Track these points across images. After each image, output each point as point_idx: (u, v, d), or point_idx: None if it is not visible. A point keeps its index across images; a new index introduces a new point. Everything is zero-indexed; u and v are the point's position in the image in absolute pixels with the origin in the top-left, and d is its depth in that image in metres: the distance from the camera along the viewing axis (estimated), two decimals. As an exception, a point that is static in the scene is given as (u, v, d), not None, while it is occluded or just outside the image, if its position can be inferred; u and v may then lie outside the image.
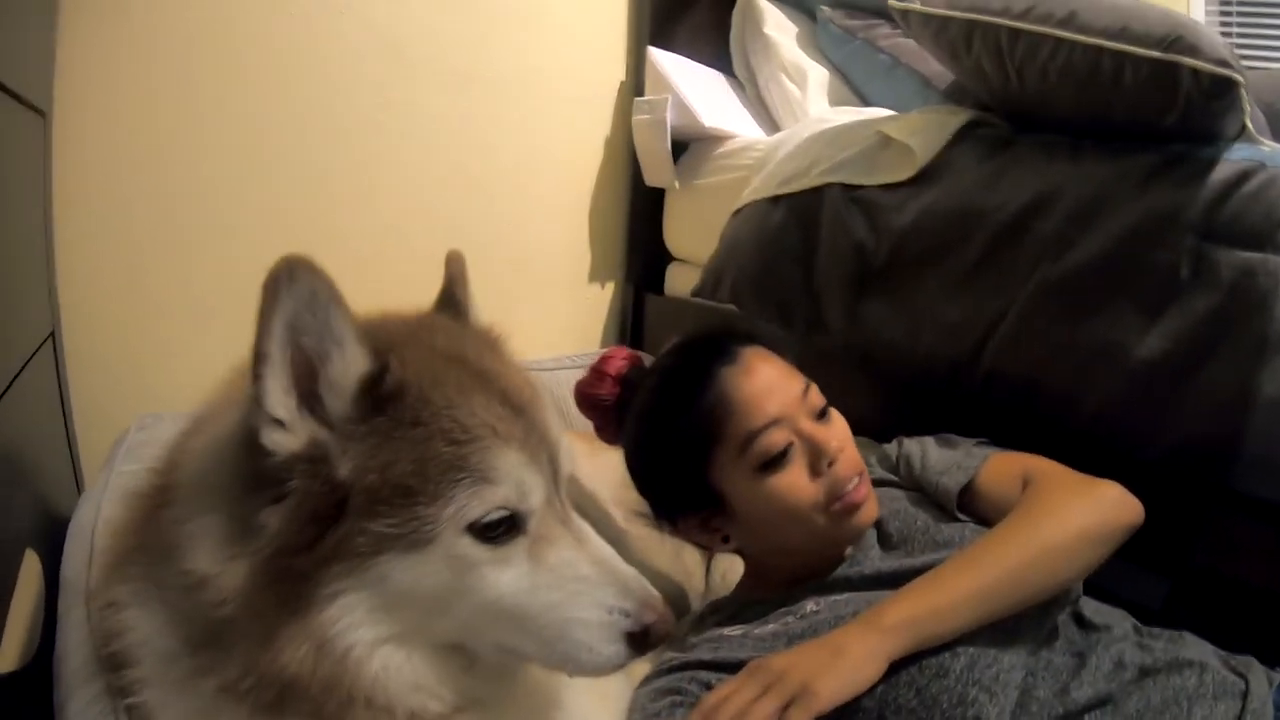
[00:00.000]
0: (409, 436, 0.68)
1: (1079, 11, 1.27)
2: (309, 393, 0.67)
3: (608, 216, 2.32)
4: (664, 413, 1.12)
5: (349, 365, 0.67)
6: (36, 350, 1.20)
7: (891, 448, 1.28)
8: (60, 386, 1.42)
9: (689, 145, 2.18)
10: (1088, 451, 1.31)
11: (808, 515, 1.05)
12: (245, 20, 1.74)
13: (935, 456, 1.19)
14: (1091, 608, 1.04)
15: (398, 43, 1.92)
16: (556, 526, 0.74)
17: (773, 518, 1.07)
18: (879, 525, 1.12)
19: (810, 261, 1.67)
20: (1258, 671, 0.96)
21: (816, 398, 1.10)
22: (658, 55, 2.16)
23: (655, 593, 0.74)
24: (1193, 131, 1.23)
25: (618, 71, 2.29)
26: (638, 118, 2.18)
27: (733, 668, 0.97)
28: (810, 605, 1.03)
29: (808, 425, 1.07)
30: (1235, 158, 1.20)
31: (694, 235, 2.13)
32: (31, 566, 0.97)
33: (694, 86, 2.14)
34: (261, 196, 1.78)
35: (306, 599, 0.66)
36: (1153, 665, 0.95)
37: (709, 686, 0.95)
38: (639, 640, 0.72)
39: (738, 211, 1.85)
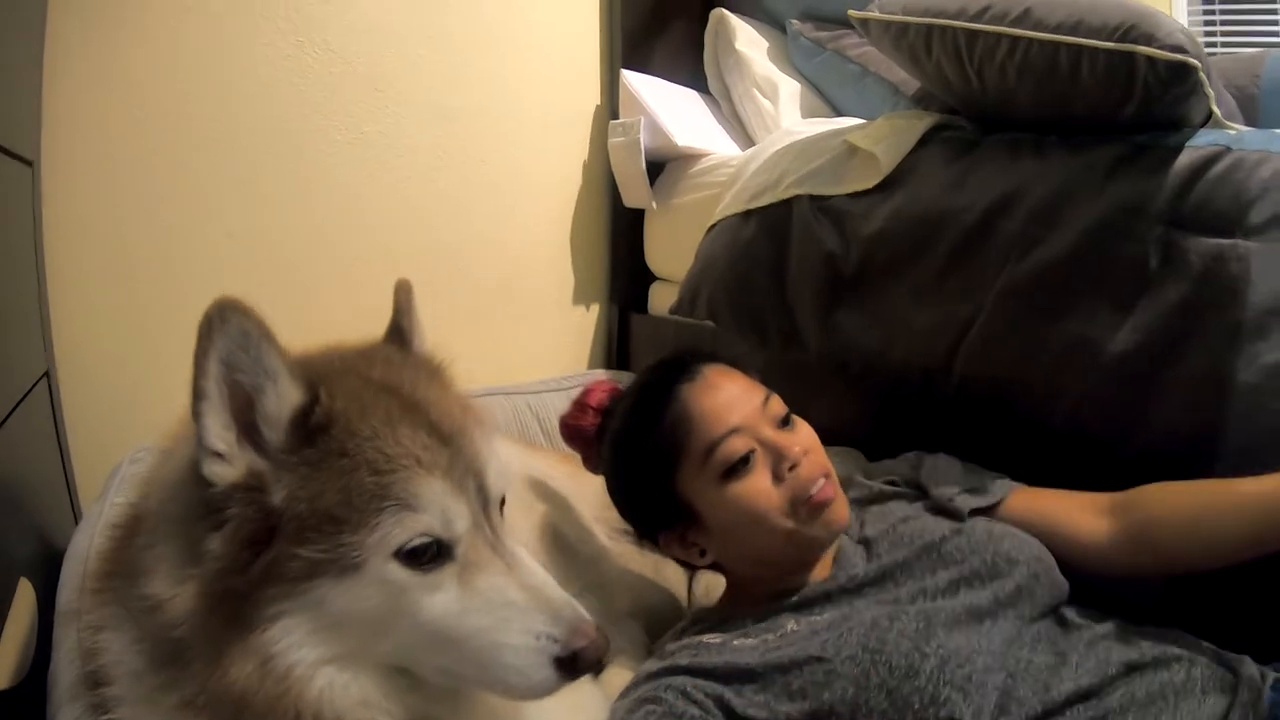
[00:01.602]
0: (336, 466, 0.70)
1: (1033, 8, 1.26)
2: (249, 424, 0.70)
3: (589, 239, 2.32)
4: (632, 433, 1.16)
5: (282, 399, 0.71)
6: (31, 389, 1.22)
7: (908, 459, 1.31)
8: (56, 423, 1.45)
9: (665, 165, 2.18)
10: (1068, 452, 1.29)
11: (774, 519, 1.06)
12: (229, 61, 1.77)
13: (958, 472, 1.24)
14: (1074, 610, 1.04)
15: (375, 78, 1.94)
16: (486, 552, 0.76)
17: (741, 525, 1.08)
18: (866, 543, 1.13)
19: (783, 274, 1.66)
20: (1249, 667, 0.94)
21: (778, 407, 1.13)
22: (631, 77, 2.17)
23: (586, 617, 0.75)
24: (1155, 120, 1.22)
25: (593, 95, 2.30)
26: (613, 140, 2.18)
27: (708, 673, 0.98)
28: (790, 624, 1.03)
29: (768, 432, 1.09)
30: (1201, 143, 1.18)
31: (674, 254, 2.12)
32: (25, 594, 1.00)
33: (667, 107, 2.15)
34: (250, 232, 1.80)
35: (249, 620, 0.69)
36: (1139, 660, 0.94)
37: (684, 693, 0.96)
38: (568, 665, 0.73)
39: (711, 228, 1.84)
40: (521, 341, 2.21)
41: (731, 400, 1.10)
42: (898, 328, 1.46)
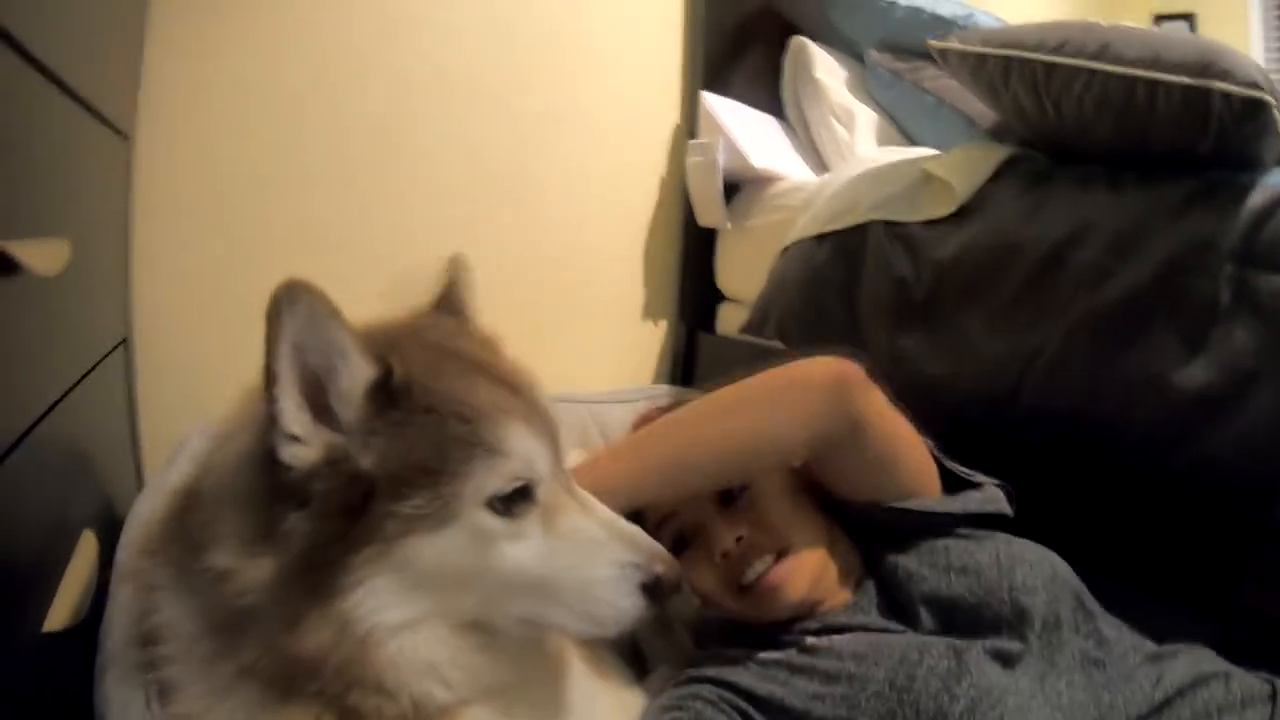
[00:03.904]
0: (424, 422, 0.72)
1: (1111, 43, 1.28)
2: (321, 406, 0.71)
3: (661, 255, 2.36)
4: None
5: (355, 374, 0.72)
6: (108, 354, 1.27)
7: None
8: (130, 389, 1.49)
9: (740, 186, 2.21)
10: (1129, 486, 1.29)
11: (718, 600, 1.06)
12: (325, 54, 1.83)
13: None
14: (1103, 643, 1.00)
15: (463, 81, 2.00)
16: (563, 495, 0.79)
17: (703, 597, 1.08)
18: (884, 590, 1.08)
19: (854, 298, 1.68)
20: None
21: None
22: (710, 99, 2.21)
23: (659, 545, 0.79)
24: (1229, 157, 1.23)
25: (672, 115, 2.35)
26: (691, 159, 2.22)
27: (733, 687, 0.99)
28: (810, 640, 1.03)
29: (706, 513, 1.06)
30: (1274, 183, 1.19)
31: (745, 275, 2.15)
32: (88, 544, 1.02)
33: (745, 129, 2.18)
34: (326, 221, 1.85)
35: (333, 587, 0.70)
36: (1181, 684, 0.93)
37: (711, 702, 0.97)
38: (652, 590, 0.76)
39: (785, 250, 1.87)
40: (587, 351, 2.24)
41: None
42: (965, 356, 1.47)
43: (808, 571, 1.05)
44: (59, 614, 0.92)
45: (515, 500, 0.75)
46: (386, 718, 0.72)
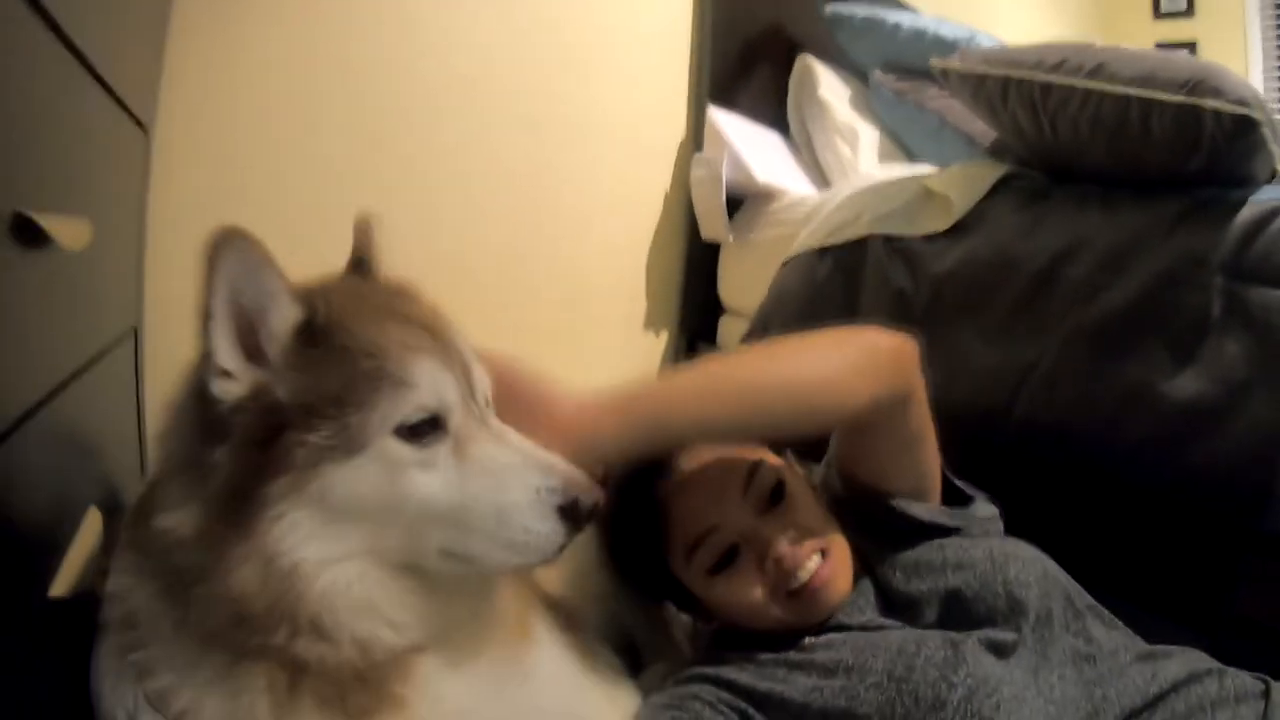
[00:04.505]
0: (336, 359, 0.75)
1: (1107, 63, 1.31)
2: (252, 347, 0.74)
3: (664, 267, 2.38)
4: (618, 535, 1.15)
5: (283, 315, 0.75)
6: (118, 340, 1.28)
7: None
8: (138, 378, 1.49)
9: (744, 201, 2.24)
10: (1123, 496, 1.31)
11: (762, 610, 1.04)
12: (347, 56, 1.83)
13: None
14: (1095, 640, 1.01)
15: (471, 92, 2.01)
16: (476, 427, 0.79)
17: (735, 612, 1.07)
18: (881, 589, 1.09)
19: (853, 311, 1.70)
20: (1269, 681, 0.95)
21: (767, 478, 1.07)
22: (716, 114, 2.24)
23: (578, 471, 0.78)
24: (1221, 174, 1.25)
25: (678, 129, 2.37)
26: (695, 173, 2.25)
27: (730, 685, 0.99)
28: (808, 639, 1.04)
29: (751, 523, 1.04)
30: (1265, 199, 1.21)
31: (747, 288, 2.17)
32: (93, 519, 1.03)
33: (750, 145, 2.21)
34: (338, 219, 1.86)
35: (253, 520, 0.71)
36: (1175, 679, 0.94)
37: (709, 702, 0.97)
38: (570, 513, 0.76)
39: (786, 263, 1.89)
40: (587, 360, 2.25)
41: (710, 494, 1.06)
42: (960, 368, 1.49)
43: (848, 569, 1.06)
44: (62, 585, 0.93)
45: (424, 430, 0.75)
46: (330, 665, 0.72)
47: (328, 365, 0.74)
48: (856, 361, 1.02)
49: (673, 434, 0.96)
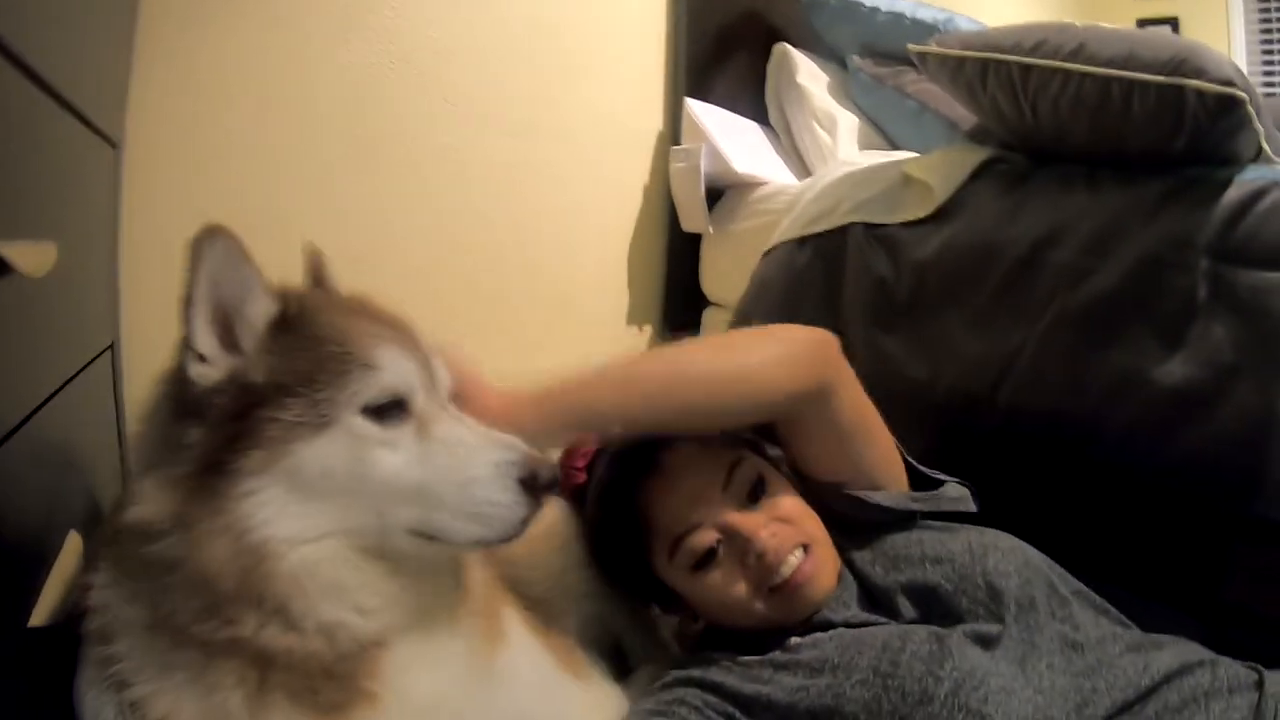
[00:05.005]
0: (308, 344, 0.79)
1: (1087, 43, 1.30)
2: (229, 339, 0.78)
3: (645, 260, 2.36)
4: (600, 534, 1.16)
5: (259, 308, 0.79)
6: (94, 359, 1.28)
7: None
8: (116, 395, 1.49)
9: (724, 192, 2.23)
10: (1111, 483, 1.30)
11: (748, 606, 1.04)
12: (314, 68, 1.82)
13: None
14: (1082, 628, 1.01)
15: (448, 93, 2.00)
16: (438, 411, 0.83)
17: (719, 609, 1.07)
18: (863, 584, 1.09)
19: (835, 300, 1.69)
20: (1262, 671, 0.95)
21: (748, 473, 1.07)
22: (694, 106, 2.22)
23: (536, 451, 0.83)
24: (1205, 154, 1.24)
25: (656, 122, 2.35)
26: (674, 165, 2.23)
27: (717, 688, 0.99)
28: (793, 639, 1.03)
29: (732, 518, 1.04)
30: (1250, 178, 1.20)
31: (729, 279, 2.16)
32: (74, 544, 1.03)
33: (728, 135, 2.19)
34: (318, 233, 1.84)
35: (225, 498, 0.73)
36: (1168, 670, 0.94)
37: (695, 707, 0.96)
38: (530, 484, 0.79)
39: (767, 253, 1.88)
40: (571, 354, 2.23)
41: (691, 490, 1.06)
42: (945, 356, 1.48)
43: (831, 564, 1.07)
44: (43, 612, 0.93)
45: (389, 411, 0.79)
46: (298, 658, 0.74)
47: (299, 350, 0.79)
48: (775, 354, 1.05)
49: (593, 425, 0.99)
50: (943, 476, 1.18)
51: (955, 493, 1.16)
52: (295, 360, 0.78)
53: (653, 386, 1.02)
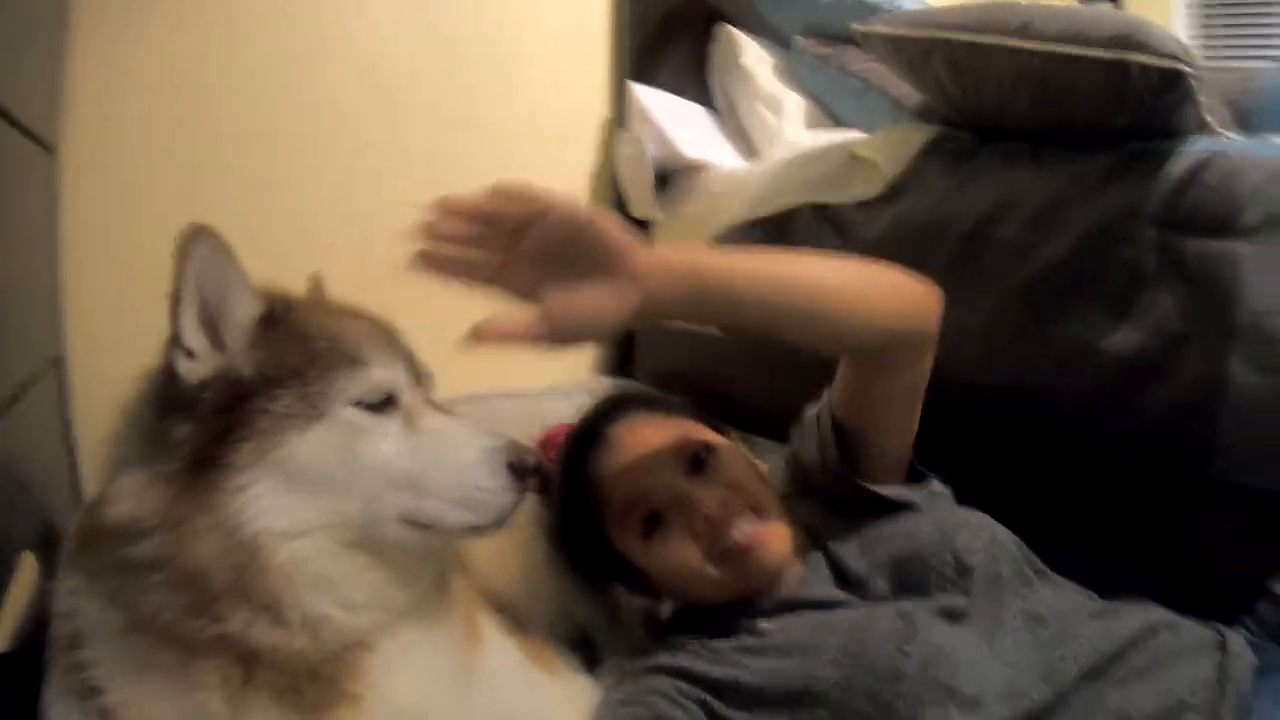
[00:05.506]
0: (296, 340, 0.82)
1: (1031, 21, 1.29)
2: (215, 337, 0.80)
3: (596, 250, 2.34)
4: (560, 512, 1.18)
5: (245, 306, 0.81)
6: (40, 373, 1.24)
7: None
8: (63, 408, 1.46)
9: (671, 176, 2.21)
10: (1067, 454, 1.31)
11: (699, 571, 1.04)
12: (247, 64, 1.80)
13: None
14: (1045, 602, 1.02)
15: (381, 86, 1.97)
16: (423, 405, 0.87)
17: (675, 578, 1.08)
18: (835, 564, 1.09)
19: (788, 281, 1.68)
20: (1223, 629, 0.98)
21: (694, 442, 1.09)
22: (639, 90, 2.21)
23: (520, 440, 0.86)
24: (1149, 128, 1.24)
25: (601, 108, 2.33)
26: (622, 151, 2.22)
27: (687, 674, 0.99)
28: (763, 624, 1.03)
29: (678, 484, 1.06)
30: (1194, 150, 1.21)
31: (680, 264, 2.14)
32: (29, 565, 1.02)
33: (674, 119, 2.18)
34: (258, 230, 1.80)
35: (218, 490, 0.74)
36: (1132, 634, 0.95)
37: (667, 695, 0.96)
38: (517, 469, 0.83)
39: (717, 237, 1.87)
40: (518, 351, 2.21)
41: (640, 460, 1.08)
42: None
43: (783, 530, 1.07)
44: (2, 636, 0.91)
45: (378, 405, 0.82)
46: (283, 656, 0.74)
47: (287, 345, 0.81)
48: (891, 288, 1.07)
49: (716, 302, 0.94)
50: (927, 472, 1.20)
51: (939, 489, 1.18)
52: (284, 355, 0.80)
53: (770, 273, 0.98)
